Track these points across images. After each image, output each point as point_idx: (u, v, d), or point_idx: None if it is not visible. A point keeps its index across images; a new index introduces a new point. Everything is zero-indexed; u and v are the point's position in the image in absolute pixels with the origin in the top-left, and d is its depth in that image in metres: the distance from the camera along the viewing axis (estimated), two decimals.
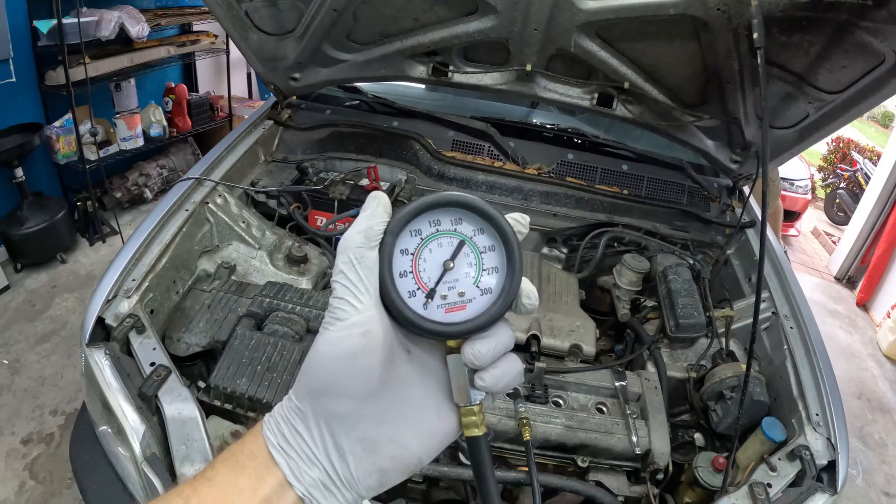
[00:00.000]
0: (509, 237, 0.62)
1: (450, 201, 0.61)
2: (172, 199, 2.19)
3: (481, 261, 0.63)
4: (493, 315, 0.61)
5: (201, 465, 1.49)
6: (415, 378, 0.61)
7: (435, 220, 0.62)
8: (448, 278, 0.62)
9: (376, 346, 0.57)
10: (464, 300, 0.62)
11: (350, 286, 0.58)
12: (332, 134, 2.77)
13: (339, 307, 0.58)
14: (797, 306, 2.15)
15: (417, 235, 0.61)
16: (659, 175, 2.79)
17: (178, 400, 1.59)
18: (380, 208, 0.61)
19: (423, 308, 0.61)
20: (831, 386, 1.86)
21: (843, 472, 1.67)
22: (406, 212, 0.60)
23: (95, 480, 1.72)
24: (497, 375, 0.60)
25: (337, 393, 0.57)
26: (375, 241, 0.59)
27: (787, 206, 7.45)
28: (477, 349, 0.59)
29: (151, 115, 5.35)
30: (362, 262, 0.58)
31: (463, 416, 0.62)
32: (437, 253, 0.62)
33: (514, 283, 0.62)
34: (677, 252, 2.51)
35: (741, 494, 1.58)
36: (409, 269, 0.61)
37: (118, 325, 1.75)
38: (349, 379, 0.57)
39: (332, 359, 0.57)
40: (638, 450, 1.73)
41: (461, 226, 0.62)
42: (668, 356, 2.16)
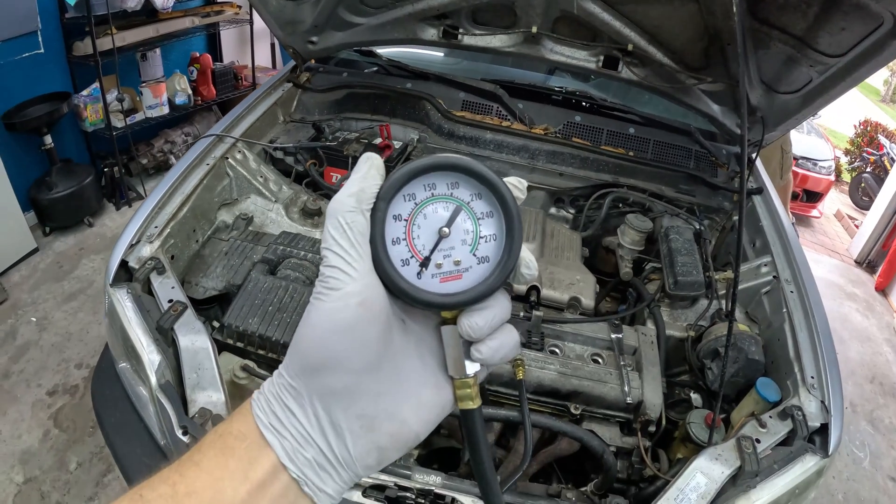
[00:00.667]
0: (508, 203, 0.58)
1: (446, 164, 0.57)
2: (194, 154, 2.29)
3: (478, 228, 0.59)
4: (490, 285, 0.57)
5: (211, 392, 1.58)
6: (411, 349, 0.59)
7: (430, 185, 0.58)
8: (443, 246, 0.58)
9: (374, 316, 0.54)
10: (460, 269, 0.58)
11: (342, 253, 0.54)
12: (348, 95, 2.84)
13: (331, 276, 0.54)
14: (798, 271, 2.15)
15: (411, 200, 0.57)
16: (666, 139, 2.80)
17: (192, 332, 1.68)
18: (372, 170, 0.56)
19: (417, 277, 0.57)
20: (828, 350, 1.86)
21: (836, 436, 1.66)
22: (399, 175, 0.56)
23: (113, 413, 1.81)
24: (494, 347, 0.58)
25: (333, 368, 0.54)
26: (367, 205, 0.55)
27: (810, 186, 7.36)
28: (474, 321, 0.56)
29: (176, 84, 5.41)
30: (354, 227, 0.54)
31: (457, 389, 0.60)
32: (432, 219, 0.58)
33: (513, 251, 0.58)
34: (683, 215, 2.52)
35: (728, 447, 1.58)
36: (403, 235, 0.57)
37: (140, 267, 1.85)
38: (346, 352, 0.53)
39: (328, 331, 0.53)
40: (629, 399, 1.75)
41: (458, 190, 0.59)
42: (668, 315, 2.18)
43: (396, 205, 0.57)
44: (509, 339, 0.59)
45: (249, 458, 0.54)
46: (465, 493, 1.52)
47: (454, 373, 0.59)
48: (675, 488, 1.50)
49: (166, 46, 5.42)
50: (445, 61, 3.33)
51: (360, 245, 0.54)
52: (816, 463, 1.59)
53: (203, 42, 6.29)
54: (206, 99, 5.82)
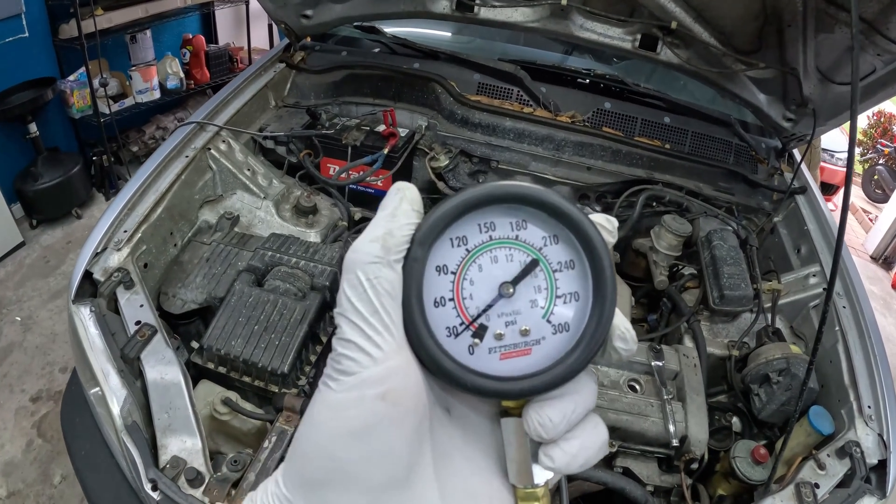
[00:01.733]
0: (598, 249, 0.44)
1: (510, 195, 0.43)
2: (171, 144, 2.06)
3: (554, 284, 0.45)
4: (571, 366, 0.43)
5: (185, 436, 1.36)
6: (457, 449, 0.45)
7: (488, 224, 0.44)
8: (505, 309, 0.44)
9: (403, 414, 0.40)
10: (528, 341, 0.44)
11: (361, 322, 0.40)
12: (348, 77, 2.60)
13: (344, 354, 0.40)
14: (851, 284, 1.98)
15: (461, 245, 0.44)
16: (704, 130, 2.57)
17: (161, 363, 1.46)
18: (404, 204, 0.42)
19: (469, 353, 0.43)
20: (885, 375, 1.71)
21: (894, 473, 1.54)
22: (444, 211, 0.42)
23: (83, 445, 1.62)
24: (572, 452, 0.43)
25: (343, 485, 0.40)
26: (398, 254, 0.41)
27: (826, 178, 7.40)
28: (546, 416, 0.42)
29: (168, 67, 5.26)
30: (379, 286, 0.40)
31: (521, 501, 0.45)
32: (489, 271, 0.44)
33: (604, 317, 0.44)
34: (721, 216, 2.32)
35: (787, 495, 1.45)
36: (450, 295, 0.43)
37: (105, 280, 1.64)
38: (361, 465, 0.40)
39: (336, 435, 0.39)
40: (675, 440, 1.58)
41: (526, 231, 0.44)
42: (708, 330, 2.00)
43: (440, 251, 0.43)
44: (594, 440, 0.44)
45: None
46: None
47: (517, 481, 0.45)
48: None
49: (157, 27, 5.29)
50: (456, 40, 3.07)
51: (388, 311, 0.41)
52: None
53: (196, 22, 6.17)
54: (199, 83, 5.69)
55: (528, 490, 0.44)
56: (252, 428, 1.50)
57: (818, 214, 2.31)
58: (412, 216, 0.42)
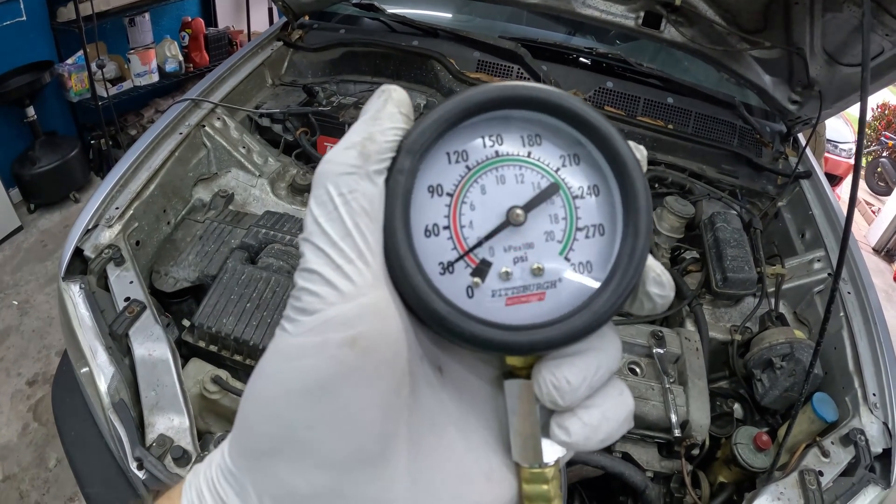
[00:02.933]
0: (631, 171, 0.35)
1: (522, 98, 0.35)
2: (165, 121, 2.02)
3: (575, 213, 0.36)
4: (597, 315, 0.34)
5: (172, 414, 1.32)
6: (449, 418, 0.37)
7: (494, 136, 0.36)
8: (514, 241, 0.36)
9: (376, 367, 0.31)
10: (542, 283, 0.36)
11: (329, 248, 0.31)
12: (346, 54, 2.55)
13: (306, 288, 0.31)
14: (856, 269, 1.94)
15: (461, 161, 0.35)
16: (708, 112, 2.52)
17: (149, 339, 1.42)
18: (389, 106, 0.34)
19: (468, 296, 0.35)
20: (891, 363, 1.67)
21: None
22: (440, 115, 0.34)
23: (73, 425, 1.59)
24: (593, 424, 0.35)
25: (297, 457, 0.31)
26: (379, 164, 0.33)
27: (829, 169, 7.35)
28: (563, 377, 0.34)
29: (167, 50, 5.19)
30: (354, 202, 0.32)
31: (525, 483, 0.37)
32: (494, 194, 0.35)
33: (637, 255, 0.35)
34: (725, 199, 2.28)
35: (790, 482, 1.41)
36: (445, 222, 0.35)
37: (96, 257, 1.61)
38: (320, 432, 0.31)
39: (288, 392, 0.31)
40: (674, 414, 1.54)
41: (540, 148, 0.36)
42: (710, 314, 1.96)
43: (434, 167, 0.35)
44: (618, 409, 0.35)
45: None
46: None
47: (522, 459, 0.36)
48: None
49: (156, 10, 5.21)
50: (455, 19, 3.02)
51: (363, 233, 0.32)
52: (878, 494, 1.45)
53: (196, 5, 6.09)
54: (198, 66, 5.61)
55: (535, 470, 0.36)
56: None
57: (823, 199, 2.26)
58: (399, 120, 0.34)
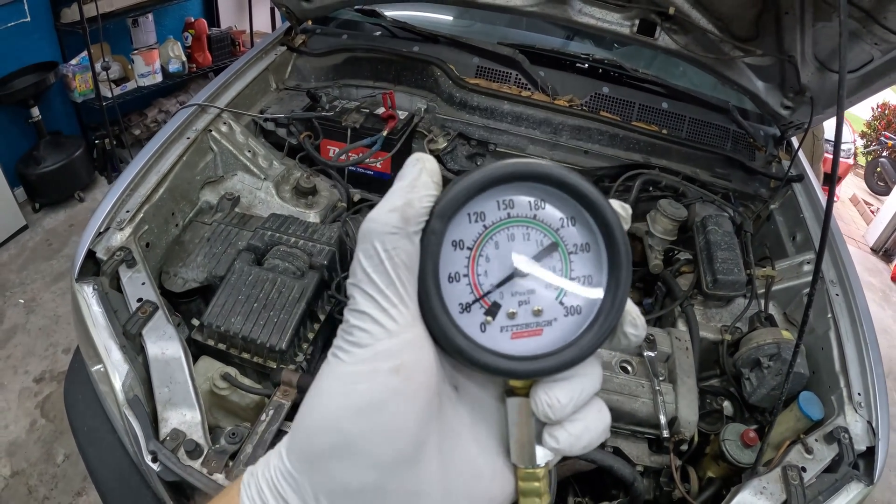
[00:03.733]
0: (615, 233, 0.43)
1: (531, 173, 0.42)
2: (172, 126, 2.07)
3: (569, 266, 0.45)
4: (583, 350, 0.43)
5: (185, 409, 1.38)
6: (464, 427, 0.45)
7: (506, 202, 0.43)
8: (519, 289, 0.44)
9: (416, 390, 0.39)
10: (540, 322, 0.44)
11: (376, 294, 0.39)
12: (348, 60, 2.58)
13: (358, 326, 0.39)
14: (845, 272, 1.98)
15: (479, 221, 0.43)
16: (702, 116, 2.56)
17: (162, 339, 1.48)
18: (424, 175, 0.41)
19: (481, 331, 0.43)
20: (876, 363, 1.72)
21: (881, 461, 1.54)
22: (465, 185, 0.41)
23: (86, 421, 1.65)
24: (576, 434, 0.43)
25: (350, 459, 0.39)
26: (417, 226, 0.40)
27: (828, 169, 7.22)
28: (555, 397, 0.42)
29: (170, 51, 5.23)
30: (397, 257, 0.39)
31: (521, 481, 0.45)
32: (505, 249, 0.43)
33: (618, 303, 0.44)
34: (718, 202, 2.32)
35: (773, 477, 1.45)
36: (465, 270, 0.43)
37: (108, 259, 1.66)
38: (370, 440, 0.39)
39: (345, 408, 0.39)
40: (663, 415, 1.58)
41: (544, 211, 0.44)
42: (702, 315, 2.00)
43: (457, 226, 0.43)
44: (598, 423, 0.45)
45: None
46: None
47: (519, 461, 0.45)
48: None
49: (159, 11, 5.26)
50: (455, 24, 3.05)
51: (404, 283, 0.40)
52: (861, 492, 1.48)
53: (199, 6, 6.13)
54: (201, 66, 5.66)
55: (529, 470, 0.45)
56: (250, 403, 1.52)
57: (814, 202, 2.30)
58: (431, 188, 0.41)
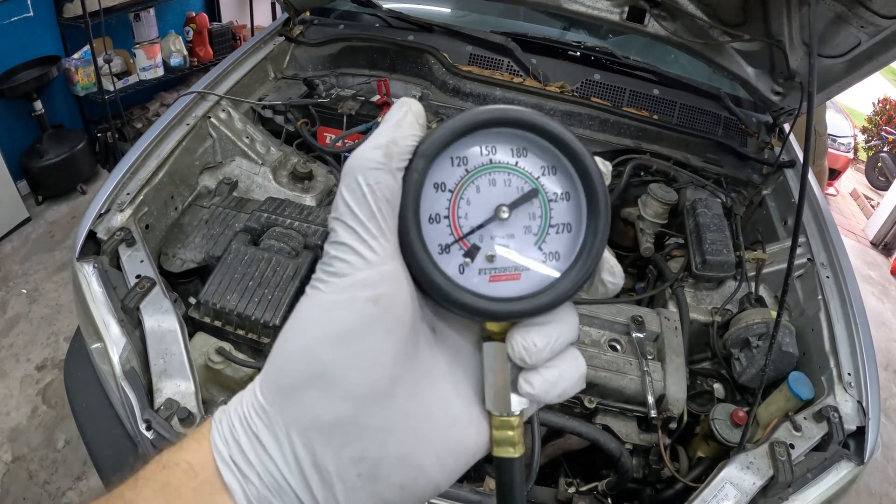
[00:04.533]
0: (595, 182, 0.44)
1: (515, 119, 0.43)
2: (173, 113, 2.12)
3: (549, 213, 0.45)
4: (560, 294, 0.43)
5: (179, 380, 1.42)
6: (441, 370, 0.44)
7: (490, 147, 0.44)
8: (498, 232, 0.44)
9: (393, 321, 0.39)
10: (518, 267, 0.45)
11: (357, 226, 0.39)
12: (344, 49, 2.62)
13: (338, 256, 0.39)
14: (836, 255, 2.00)
15: (461, 165, 0.43)
16: (693, 103, 2.58)
17: (159, 312, 1.52)
18: (409, 116, 0.42)
19: (459, 272, 0.43)
20: (867, 344, 1.72)
21: (872, 441, 1.54)
22: (449, 128, 0.42)
23: (84, 397, 1.68)
24: (551, 380, 0.43)
25: (323, 390, 0.39)
26: (400, 163, 0.41)
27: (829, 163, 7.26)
28: (531, 341, 0.42)
29: (171, 45, 5.25)
30: (379, 192, 0.39)
31: (495, 429, 0.45)
32: (486, 194, 0.44)
33: (595, 250, 0.44)
34: (709, 187, 2.34)
35: (760, 453, 1.46)
36: (446, 212, 0.43)
37: (108, 239, 1.70)
38: (345, 369, 0.38)
39: (321, 337, 0.38)
40: (651, 395, 1.60)
41: (526, 159, 0.44)
42: (692, 297, 2.02)
43: (440, 169, 0.43)
44: (573, 371, 0.45)
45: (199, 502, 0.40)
46: None
47: (493, 408, 0.45)
48: (700, 500, 1.38)
49: (161, 6, 5.27)
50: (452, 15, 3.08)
51: (385, 217, 0.40)
52: (851, 471, 1.48)
53: (200, 1, 6.13)
54: (202, 60, 5.67)
55: (503, 418, 0.45)
56: (244, 376, 1.56)
57: (808, 189, 2.29)
58: (416, 128, 0.42)
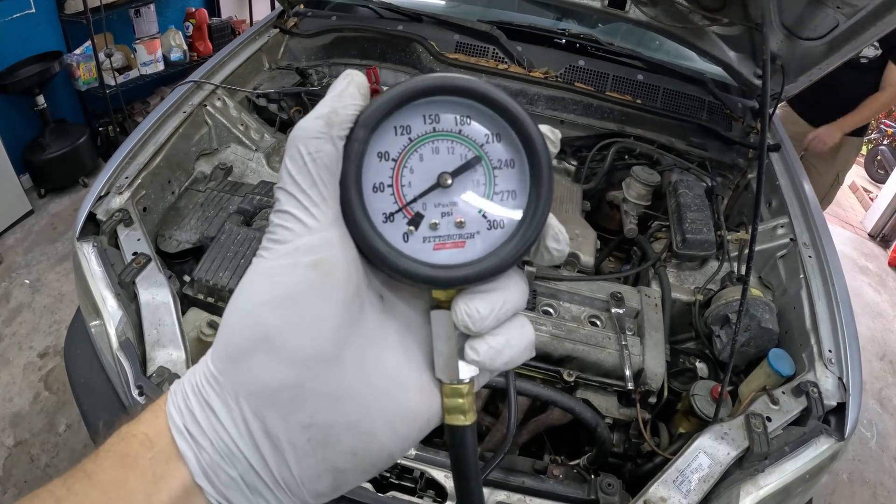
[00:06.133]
0: (538, 150, 0.43)
1: (457, 87, 0.43)
2: (170, 101, 2.17)
3: (493, 181, 0.45)
4: (503, 259, 0.43)
5: (171, 349, 1.48)
6: (391, 337, 0.44)
7: (432, 116, 0.43)
8: (442, 199, 0.44)
9: (335, 285, 0.39)
10: (463, 234, 0.44)
11: (298, 193, 0.40)
12: (336, 39, 2.69)
13: (280, 224, 0.40)
14: (818, 235, 2.02)
15: (404, 134, 0.43)
16: (677, 87, 2.62)
17: (153, 286, 1.58)
18: (351, 87, 0.42)
19: (403, 240, 0.43)
20: (848, 322, 1.73)
21: (853, 417, 1.55)
22: (390, 97, 0.42)
23: (83, 373, 1.75)
24: (497, 347, 0.43)
25: (268, 356, 0.39)
26: (341, 132, 0.41)
27: None
28: (475, 308, 0.42)
29: (171, 40, 5.29)
30: (319, 160, 0.40)
31: (446, 397, 0.45)
32: (430, 162, 0.44)
33: (539, 216, 0.44)
34: (693, 170, 2.38)
35: (735, 424, 1.48)
36: (389, 181, 0.43)
37: (107, 219, 1.76)
38: (287, 332, 0.38)
39: (264, 301, 0.39)
40: (628, 368, 1.62)
41: (469, 127, 0.44)
42: (675, 277, 2.06)
43: (383, 138, 0.43)
44: (520, 338, 0.44)
45: (155, 472, 0.40)
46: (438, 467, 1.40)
47: (442, 375, 0.45)
48: (674, 469, 1.40)
49: (161, 1, 5.30)
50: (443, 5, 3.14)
51: (325, 184, 0.40)
52: (831, 446, 1.49)
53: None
54: (202, 55, 5.68)
55: (453, 386, 0.44)
56: None
57: (791, 171, 2.34)
58: (357, 98, 0.42)
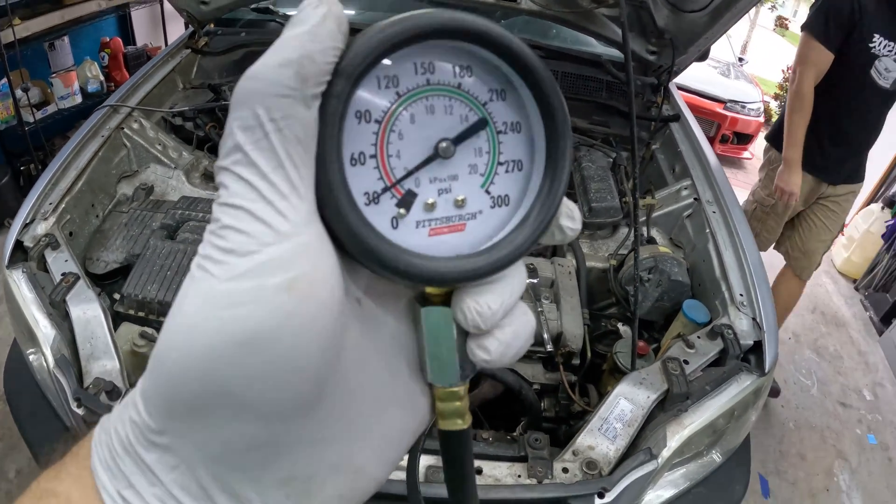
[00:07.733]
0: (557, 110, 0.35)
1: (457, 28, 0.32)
2: (87, 126, 2.21)
3: (498, 148, 0.36)
4: (519, 245, 0.35)
5: (105, 360, 1.53)
6: (372, 349, 0.34)
7: (426, 63, 0.33)
8: (440, 173, 0.34)
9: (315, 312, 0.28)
10: (463, 215, 0.35)
11: (259, 181, 0.27)
12: (247, 55, 2.76)
13: (233, 226, 0.27)
14: (720, 191, 2.15)
15: (391, 87, 0.32)
16: (575, 70, 2.76)
17: (83, 302, 1.62)
18: (329, 22, 0.28)
19: (392, 226, 0.33)
20: (755, 266, 1.82)
21: (772, 353, 1.61)
22: (378, 39, 0.30)
23: (25, 403, 1.76)
24: (507, 341, 0.35)
25: (232, 413, 0.28)
26: (317, 88, 0.28)
27: (740, 128, 7.57)
28: (485, 303, 0.34)
29: (87, 71, 5.23)
30: (288, 130, 0.27)
31: (440, 401, 0.37)
32: (422, 125, 0.33)
33: (556, 191, 0.36)
34: (598, 146, 2.50)
35: (653, 370, 1.53)
36: (372, 150, 0.32)
37: (34, 245, 1.78)
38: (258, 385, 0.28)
39: (221, 344, 0.27)
40: (546, 332, 1.70)
41: (470, 80, 0.34)
42: (589, 247, 2.16)
43: (366, 92, 0.32)
44: (526, 327, 0.36)
45: None
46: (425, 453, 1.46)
47: (439, 380, 0.37)
48: (597, 418, 1.45)
49: (75, 33, 5.21)
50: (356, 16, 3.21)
51: (297, 166, 0.28)
52: (753, 382, 1.55)
53: (113, 25, 6.05)
54: (119, 84, 5.44)
55: (450, 389, 0.37)
56: None
57: (690, 138, 2.48)
58: (339, 39, 0.29)
